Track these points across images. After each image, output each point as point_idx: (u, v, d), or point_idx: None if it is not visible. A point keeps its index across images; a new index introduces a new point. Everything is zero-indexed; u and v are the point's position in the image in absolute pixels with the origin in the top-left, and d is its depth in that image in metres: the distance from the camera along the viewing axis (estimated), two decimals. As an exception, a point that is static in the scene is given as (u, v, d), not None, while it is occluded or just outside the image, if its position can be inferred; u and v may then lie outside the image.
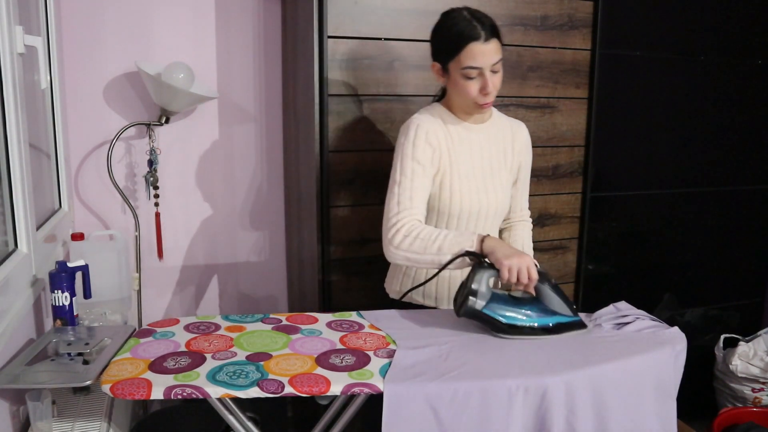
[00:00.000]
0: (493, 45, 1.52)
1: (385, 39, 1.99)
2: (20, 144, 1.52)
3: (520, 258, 1.42)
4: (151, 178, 2.33)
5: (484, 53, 1.51)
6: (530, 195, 2.28)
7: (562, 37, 2.23)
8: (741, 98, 2.65)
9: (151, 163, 2.32)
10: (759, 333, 2.67)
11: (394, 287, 1.80)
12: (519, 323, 1.47)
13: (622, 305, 1.68)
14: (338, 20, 1.93)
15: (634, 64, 2.39)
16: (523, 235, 1.86)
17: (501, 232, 1.88)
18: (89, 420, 1.42)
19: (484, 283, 1.46)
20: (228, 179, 2.51)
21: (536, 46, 2.20)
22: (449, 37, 1.55)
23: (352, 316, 1.63)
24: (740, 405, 2.56)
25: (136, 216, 2.33)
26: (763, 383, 2.54)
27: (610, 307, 1.66)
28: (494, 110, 1.76)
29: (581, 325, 1.51)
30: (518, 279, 1.42)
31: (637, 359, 1.39)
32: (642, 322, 1.57)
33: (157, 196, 2.37)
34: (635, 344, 1.45)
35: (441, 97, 1.72)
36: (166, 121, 2.28)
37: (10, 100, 1.48)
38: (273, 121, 2.52)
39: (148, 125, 2.30)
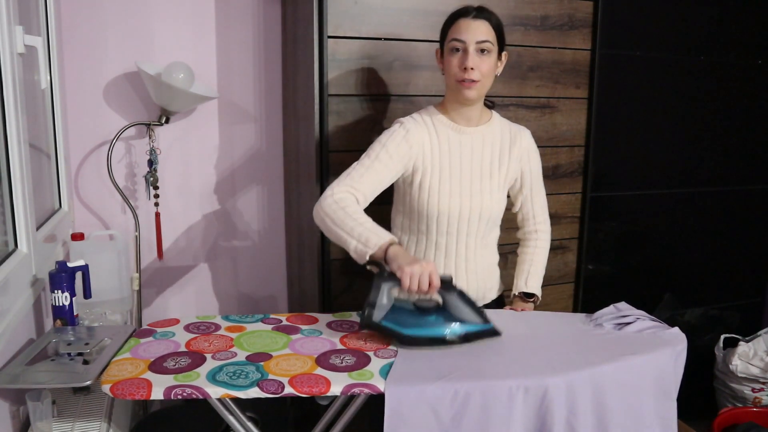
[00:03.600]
0: (481, 24, 1.56)
1: (385, 39, 1.99)
2: (20, 144, 1.52)
3: (423, 265, 1.36)
4: (151, 178, 2.33)
5: (469, 27, 1.55)
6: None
7: (562, 37, 2.23)
8: (741, 98, 2.65)
9: (151, 163, 2.32)
10: (759, 333, 2.68)
11: None
12: (422, 334, 1.41)
13: (623, 306, 1.68)
14: (338, 20, 1.93)
15: (634, 64, 2.39)
16: (532, 256, 1.84)
17: (520, 244, 1.87)
18: (89, 420, 1.42)
19: (384, 293, 1.42)
20: (228, 179, 2.51)
21: (536, 46, 2.20)
22: (446, 20, 1.62)
23: (353, 316, 1.64)
24: (740, 405, 2.56)
25: (136, 216, 2.33)
26: (763, 383, 2.54)
27: (611, 308, 1.66)
28: (495, 114, 1.76)
29: (493, 332, 1.43)
30: (420, 287, 1.36)
31: (638, 360, 1.39)
32: (642, 322, 1.57)
33: (157, 196, 2.36)
34: (636, 345, 1.45)
35: None
36: (166, 121, 2.28)
37: (10, 100, 1.48)
38: (273, 121, 2.52)
39: (148, 125, 2.30)
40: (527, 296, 1.80)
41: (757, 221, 2.82)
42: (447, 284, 1.41)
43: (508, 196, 1.81)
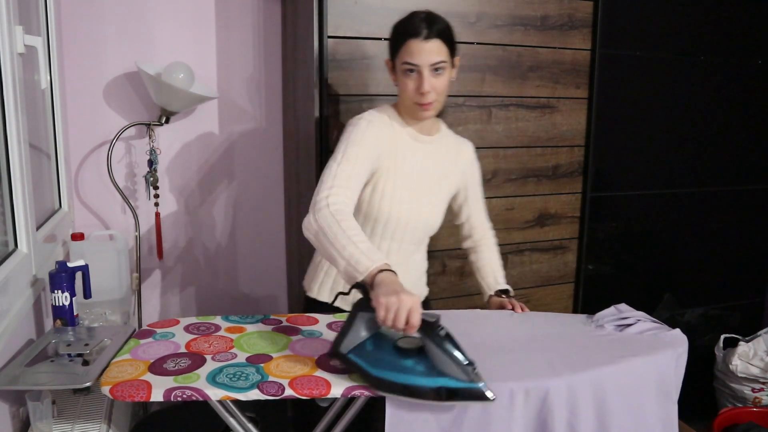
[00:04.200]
0: (434, 45, 1.49)
1: (385, 39, 1.98)
2: (20, 144, 1.52)
3: (402, 298, 1.17)
4: (151, 178, 2.33)
5: (421, 51, 1.49)
6: (530, 195, 2.30)
7: (562, 37, 2.23)
8: (741, 98, 2.65)
9: (151, 163, 2.31)
10: (759, 333, 2.68)
11: (314, 286, 1.75)
12: (391, 379, 1.19)
13: (623, 307, 1.68)
14: (338, 20, 1.93)
15: (634, 64, 2.39)
16: (490, 256, 1.85)
17: (469, 253, 1.87)
18: (89, 420, 1.41)
19: (360, 324, 1.26)
20: (228, 179, 2.51)
21: (536, 46, 2.20)
22: (395, 34, 1.56)
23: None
24: (740, 405, 2.56)
25: (136, 216, 2.33)
26: (763, 383, 2.54)
27: (611, 309, 1.66)
28: (443, 126, 1.75)
29: (479, 395, 1.17)
30: (395, 323, 1.18)
31: (639, 361, 1.39)
32: (643, 324, 1.56)
33: (157, 196, 2.36)
34: (637, 346, 1.45)
35: None
36: (166, 121, 2.28)
37: (10, 100, 1.48)
38: (273, 121, 2.52)
39: (148, 125, 2.30)
40: (502, 293, 1.79)
41: (757, 221, 2.82)
42: (430, 326, 1.19)
43: (451, 208, 1.81)
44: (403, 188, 1.62)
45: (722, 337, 2.72)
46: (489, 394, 1.17)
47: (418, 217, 1.66)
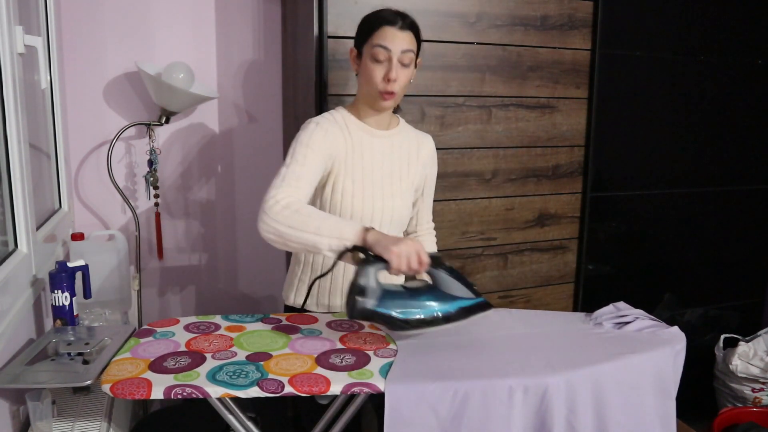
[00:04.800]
0: (407, 35, 1.55)
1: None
2: (20, 144, 1.52)
3: (408, 244, 1.32)
4: (151, 178, 2.33)
5: (395, 37, 1.53)
6: (530, 195, 2.30)
7: (562, 37, 2.23)
8: (741, 98, 2.65)
9: (151, 163, 2.32)
10: (759, 333, 2.68)
11: (290, 295, 1.76)
12: (416, 315, 1.35)
13: (621, 305, 1.68)
14: (338, 20, 1.93)
15: (634, 64, 2.39)
16: (430, 247, 1.84)
17: None
18: (89, 420, 1.42)
19: (372, 278, 1.34)
20: (228, 179, 2.51)
21: (536, 46, 2.20)
22: (369, 21, 1.59)
23: (352, 315, 1.63)
24: (740, 405, 2.56)
25: (136, 216, 2.33)
26: (763, 383, 2.54)
27: (610, 307, 1.67)
28: (402, 121, 1.75)
29: (486, 305, 1.40)
30: (409, 266, 1.32)
31: (637, 358, 1.39)
32: (642, 321, 1.57)
33: (157, 196, 2.37)
34: (635, 343, 1.45)
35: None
36: (166, 121, 2.28)
37: (10, 100, 1.48)
38: (273, 121, 2.52)
39: (148, 125, 2.30)
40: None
41: (757, 221, 2.82)
42: (436, 261, 1.37)
43: None
44: (364, 184, 1.63)
45: (722, 337, 2.72)
46: (491, 303, 1.41)
47: (382, 210, 1.65)
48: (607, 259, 2.51)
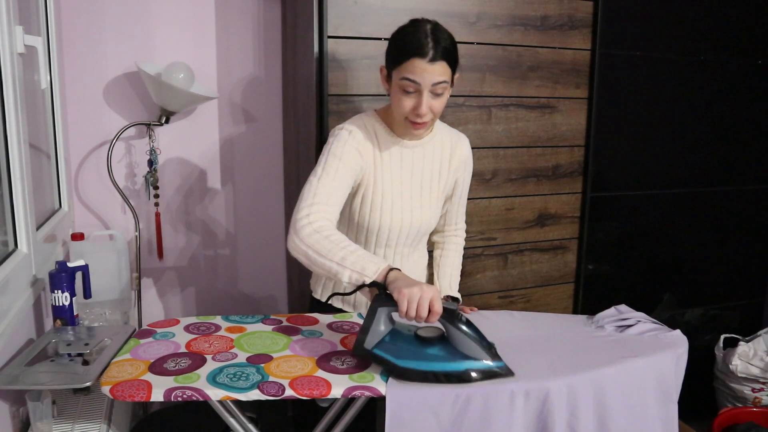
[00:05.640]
0: (439, 67, 1.44)
1: (385, 39, 1.97)
2: (20, 144, 1.52)
3: (423, 288, 1.23)
4: (151, 178, 2.33)
5: (425, 71, 1.43)
6: (530, 195, 2.30)
7: (562, 37, 2.23)
8: (741, 98, 2.64)
9: (151, 163, 2.31)
10: (759, 333, 2.67)
11: (318, 288, 1.76)
12: (417, 368, 1.25)
13: (623, 308, 1.68)
14: (338, 20, 1.93)
15: (634, 64, 2.39)
16: (453, 259, 1.82)
17: (433, 246, 1.85)
18: (89, 420, 1.42)
19: (382, 318, 1.30)
20: (228, 179, 2.51)
21: (536, 46, 2.20)
22: (398, 46, 1.49)
23: (353, 317, 1.63)
24: (740, 405, 2.56)
25: (136, 216, 2.33)
26: (763, 383, 2.54)
27: (612, 310, 1.66)
28: (437, 123, 1.68)
29: (502, 372, 1.26)
30: (418, 312, 1.23)
31: (639, 362, 1.39)
32: (643, 325, 1.56)
33: (157, 196, 2.36)
34: (637, 347, 1.45)
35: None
36: (166, 121, 2.28)
37: (10, 100, 1.48)
38: (273, 121, 2.52)
39: (148, 125, 2.30)
40: (450, 299, 1.76)
41: (757, 221, 2.82)
42: (451, 313, 1.26)
43: None
44: (393, 197, 1.60)
45: (722, 337, 2.72)
46: (512, 370, 1.26)
47: (410, 223, 1.64)
48: (607, 259, 2.51)
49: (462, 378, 1.24)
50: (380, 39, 1.98)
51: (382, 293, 1.29)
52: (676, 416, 1.43)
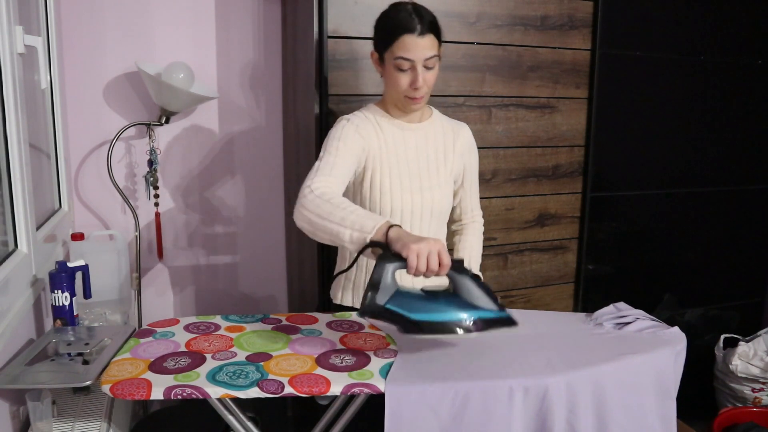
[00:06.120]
0: (428, 40, 1.51)
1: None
2: (20, 144, 1.52)
3: (429, 242, 1.24)
4: (151, 178, 2.33)
5: (416, 46, 1.49)
6: (530, 195, 2.30)
7: (562, 37, 2.23)
8: (741, 98, 2.65)
9: (151, 163, 2.32)
10: (759, 333, 2.67)
11: (338, 294, 1.77)
12: (430, 319, 1.25)
13: (621, 305, 1.68)
14: (338, 20, 1.93)
15: (634, 64, 2.39)
16: (472, 241, 1.83)
17: (452, 235, 1.86)
18: (89, 420, 1.42)
19: (388, 275, 1.27)
20: (228, 179, 2.51)
21: (536, 46, 2.20)
22: (386, 27, 1.55)
23: (352, 316, 1.63)
24: (740, 405, 2.56)
25: (136, 216, 2.33)
26: (763, 383, 2.54)
27: (610, 307, 1.67)
28: (435, 111, 1.75)
29: (509, 321, 1.28)
30: (428, 265, 1.24)
31: (638, 359, 1.39)
32: (642, 322, 1.57)
33: (157, 196, 2.37)
34: (635, 344, 1.46)
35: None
36: (166, 121, 2.28)
37: (10, 100, 1.48)
38: (273, 121, 2.52)
39: (148, 125, 2.30)
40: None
41: (757, 221, 2.82)
42: (458, 265, 1.28)
43: None
44: (402, 178, 1.63)
45: (722, 337, 2.72)
46: (516, 320, 1.28)
47: (422, 204, 1.65)
48: (607, 259, 2.51)
49: (477, 327, 1.25)
50: (380, 39, 1.98)
51: (387, 252, 1.27)
52: (675, 413, 1.43)
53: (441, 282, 1.32)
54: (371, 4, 1.96)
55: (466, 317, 1.25)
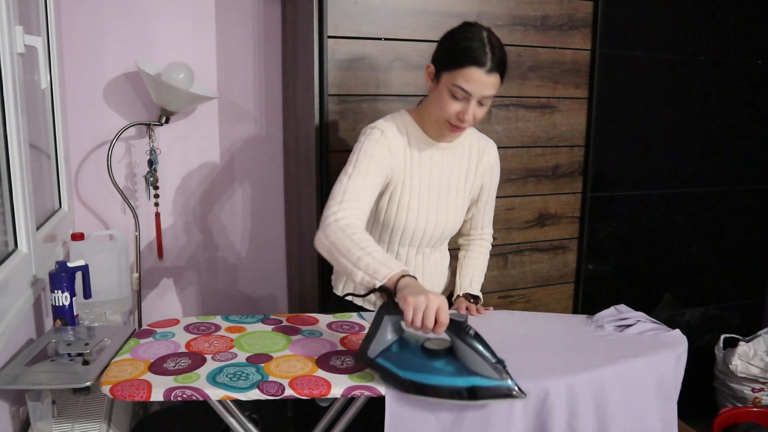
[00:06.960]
0: (494, 79, 1.45)
1: (385, 39, 1.99)
2: (20, 144, 1.52)
3: (430, 298, 1.18)
4: (151, 178, 2.33)
5: (480, 82, 1.43)
6: (530, 195, 2.30)
7: (562, 37, 2.23)
8: (741, 98, 2.64)
9: (151, 163, 2.31)
10: (759, 333, 2.67)
11: (339, 285, 1.78)
12: (421, 381, 1.19)
13: (622, 308, 1.68)
14: (338, 20, 1.93)
15: (634, 64, 2.39)
16: (477, 259, 1.82)
17: (460, 248, 1.85)
18: (89, 420, 1.42)
19: (387, 327, 1.25)
20: (228, 179, 2.51)
21: (536, 46, 2.20)
22: (456, 49, 1.46)
23: (353, 317, 1.63)
24: (740, 405, 2.56)
25: (136, 216, 2.33)
26: (763, 383, 2.54)
27: (611, 309, 1.67)
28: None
29: (507, 392, 1.17)
30: (424, 323, 1.18)
31: (639, 362, 1.39)
32: (643, 324, 1.57)
33: (157, 196, 2.36)
34: (636, 347, 1.45)
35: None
36: (166, 121, 2.28)
37: (10, 100, 1.48)
38: (273, 121, 2.52)
39: (148, 125, 2.30)
40: (470, 297, 1.76)
41: (757, 221, 2.82)
42: (459, 326, 1.20)
43: None
44: (420, 197, 1.61)
45: (722, 337, 2.72)
46: (519, 392, 1.18)
47: (435, 226, 1.65)
48: (607, 259, 2.51)
49: (463, 395, 1.18)
50: (380, 39, 1.98)
51: (390, 300, 1.24)
52: (676, 416, 1.43)
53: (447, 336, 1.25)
54: (371, 4, 1.96)
55: (458, 383, 1.18)
